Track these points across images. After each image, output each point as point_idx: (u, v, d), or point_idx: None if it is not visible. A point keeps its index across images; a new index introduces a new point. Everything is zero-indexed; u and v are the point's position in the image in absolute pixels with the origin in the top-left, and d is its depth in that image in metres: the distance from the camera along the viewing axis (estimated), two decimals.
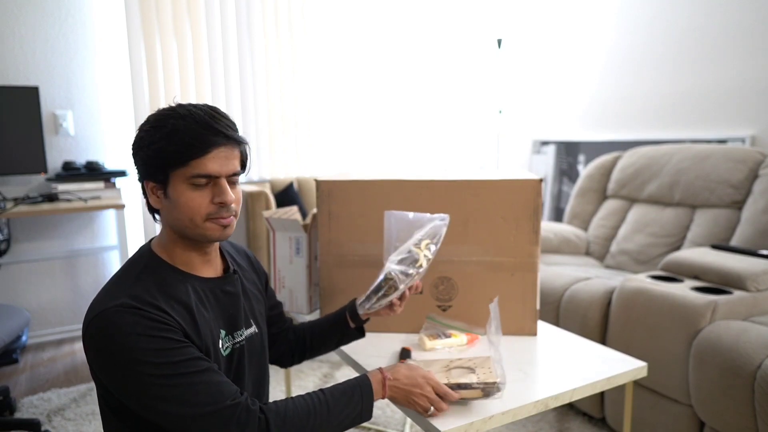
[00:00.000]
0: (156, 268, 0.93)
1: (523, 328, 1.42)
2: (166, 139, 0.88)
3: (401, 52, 3.71)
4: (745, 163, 2.23)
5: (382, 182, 1.40)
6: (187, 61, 3.08)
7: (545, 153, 3.69)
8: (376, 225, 1.39)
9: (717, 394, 1.52)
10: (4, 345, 1.77)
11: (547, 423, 2.02)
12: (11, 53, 2.76)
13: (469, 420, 1.02)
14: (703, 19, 2.72)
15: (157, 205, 0.94)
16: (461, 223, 1.38)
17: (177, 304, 0.89)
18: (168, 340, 0.83)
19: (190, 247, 0.96)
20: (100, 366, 0.85)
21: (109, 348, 0.82)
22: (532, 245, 1.37)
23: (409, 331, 1.45)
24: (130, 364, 0.81)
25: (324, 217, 1.43)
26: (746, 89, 2.56)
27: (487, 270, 1.40)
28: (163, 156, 0.89)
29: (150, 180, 0.92)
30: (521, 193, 1.35)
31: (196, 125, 0.89)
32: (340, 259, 1.44)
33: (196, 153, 0.88)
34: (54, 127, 2.89)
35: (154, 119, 0.91)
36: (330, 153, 3.56)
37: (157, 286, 0.89)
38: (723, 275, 1.73)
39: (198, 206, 0.91)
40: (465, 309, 1.42)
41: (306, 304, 1.66)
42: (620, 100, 3.19)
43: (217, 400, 0.84)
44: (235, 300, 1.02)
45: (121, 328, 0.82)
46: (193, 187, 0.90)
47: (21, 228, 2.88)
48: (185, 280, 0.94)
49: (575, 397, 1.16)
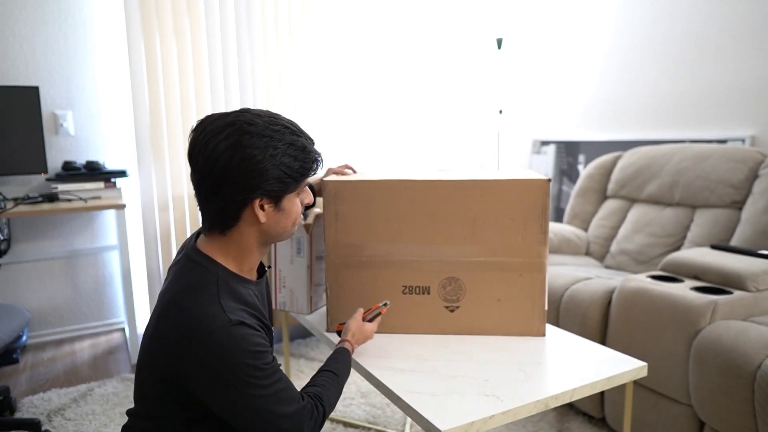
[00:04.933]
0: (226, 280, 0.95)
1: (531, 329, 1.41)
2: (303, 155, 0.95)
3: (401, 52, 3.71)
4: (745, 163, 2.23)
5: (389, 182, 1.39)
6: (187, 61, 3.08)
7: (545, 153, 3.69)
8: (383, 225, 1.40)
9: (717, 394, 1.52)
10: (4, 345, 1.77)
11: (547, 423, 2.02)
12: (11, 53, 2.76)
13: (469, 420, 1.02)
14: (703, 19, 2.72)
15: (262, 219, 0.94)
16: (469, 224, 1.38)
17: (253, 310, 0.95)
18: (265, 353, 0.90)
19: (262, 253, 1.02)
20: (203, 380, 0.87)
21: (219, 367, 0.85)
22: (540, 245, 1.37)
23: (418, 332, 1.44)
24: (240, 380, 0.86)
25: (330, 218, 1.41)
26: (746, 89, 2.56)
27: (494, 270, 1.39)
28: (301, 172, 0.95)
29: (267, 196, 0.93)
30: (529, 192, 1.35)
31: (309, 139, 0.99)
32: (347, 259, 1.43)
33: (318, 166, 1.00)
34: (54, 127, 2.89)
35: (269, 134, 0.91)
36: (330, 153, 3.56)
37: (234, 297, 0.93)
38: (723, 275, 1.73)
39: (299, 210, 1.02)
40: (473, 310, 1.42)
41: (306, 305, 1.67)
42: (620, 100, 3.19)
43: (294, 401, 0.94)
44: (268, 295, 1.12)
45: (236, 347, 0.86)
46: (298, 195, 1.00)
47: (21, 228, 2.88)
48: (246, 286, 0.98)
49: (575, 397, 1.16)
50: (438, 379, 1.20)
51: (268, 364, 0.90)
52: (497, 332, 1.42)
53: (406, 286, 1.42)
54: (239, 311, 0.91)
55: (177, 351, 0.87)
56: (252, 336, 0.88)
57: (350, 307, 1.42)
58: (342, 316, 1.45)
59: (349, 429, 2.02)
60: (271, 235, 0.99)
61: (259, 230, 0.96)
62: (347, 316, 1.41)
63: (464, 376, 1.22)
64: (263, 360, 0.89)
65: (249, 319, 0.91)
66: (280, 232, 1.00)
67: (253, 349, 0.87)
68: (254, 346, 0.87)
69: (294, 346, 2.80)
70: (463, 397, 1.12)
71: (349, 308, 1.42)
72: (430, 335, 1.43)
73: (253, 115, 0.92)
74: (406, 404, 1.11)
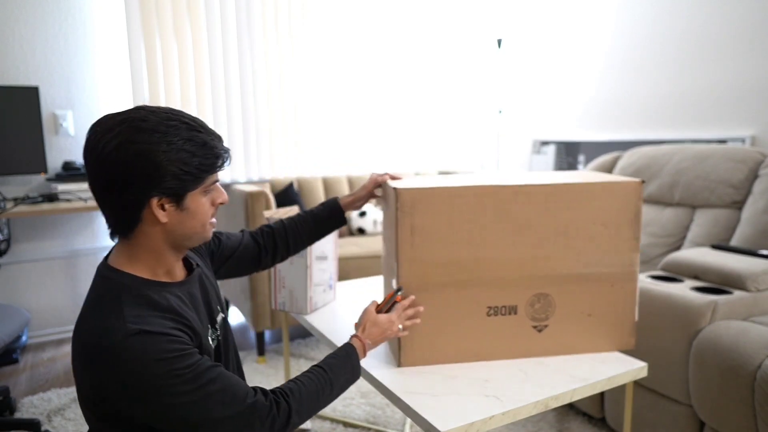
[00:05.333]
0: (135, 288, 0.88)
1: (620, 343, 1.34)
2: (203, 151, 0.89)
3: (401, 53, 3.71)
4: (745, 163, 2.23)
5: (474, 189, 1.23)
6: (187, 61, 3.08)
7: (545, 153, 3.69)
8: (467, 239, 1.24)
9: (717, 394, 1.52)
10: (4, 345, 1.77)
11: (547, 423, 2.02)
12: (11, 53, 2.76)
13: (469, 420, 1.02)
14: (703, 19, 2.72)
15: (164, 219, 0.88)
16: (561, 233, 1.26)
17: (170, 314, 0.88)
18: (181, 357, 0.83)
19: (177, 255, 0.95)
20: (118, 396, 0.82)
21: (127, 379, 0.80)
22: (633, 252, 1.29)
23: (501, 358, 1.31)
24: (153, 390, 0.81)
25: (405, 233, 1.23)
26: (746, 89, 2.56)
27: (586, 282, 1.29)
28: (201, 168, 0.89)
29: (165, 195, 0.87)
30: (621, 196, 1.26)
31: (213, 137, 0.92)
32: (425, 280, 1.25)
33: (224, 162, 0.93)
34: (54, 127, 2.89)
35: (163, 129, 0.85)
36: (330, 153, 3.56)
37: (145, 304, 0.87)
38: (723, 275, 1.73)
39: (208, 211, 0.94)
40: (562, 327, 1.31)
41: (306, 305, 1.66)
42: (620, 100, 3.19)
43: (237, 402, 0.87)
44: (206, 291, 1.03)
45: (137, 358, 0.80)
46: (205, 194, 0.93)
47: (21, 228, 2.88)
48: (164, 289, 0.91)
49: (575, 397, 1.17)
50: (438, 380, 1.20)
51: (188, 368, 0.83)
52: (587, 350, 1.33)
53: (491, 306, 1.27)
54: (150, 318, 0.85)
55: (88, 372, 0.83)
56: (158, 343, 0.82)
57: (428, 336, 1.27)
58: (418, 349, 1.27)
59: (349, 429, 2.02)
60: (178, 235, 0.92)
61: (163, 231, 0.90)
62: (424, 349, 1.27)
63: (464, 376, 1.22)
64: (178, 365, 0.82)
65: (159, 326, 0.84)
66: (188, 234, 0.92)
67: (159, 356, 0.81)
68: (162, 353, 0.81)
69: (294, 346, 2.80)
70: (463, 398, 1.12)
71: (427, 338, 1.27)
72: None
73: (148, 112, 0.87)
74: (405, 405, 1.11)
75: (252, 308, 2.59)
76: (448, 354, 1.28)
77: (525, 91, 3.85)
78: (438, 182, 1.29)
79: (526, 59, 3.81)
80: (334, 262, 1.79)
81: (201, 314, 0.98)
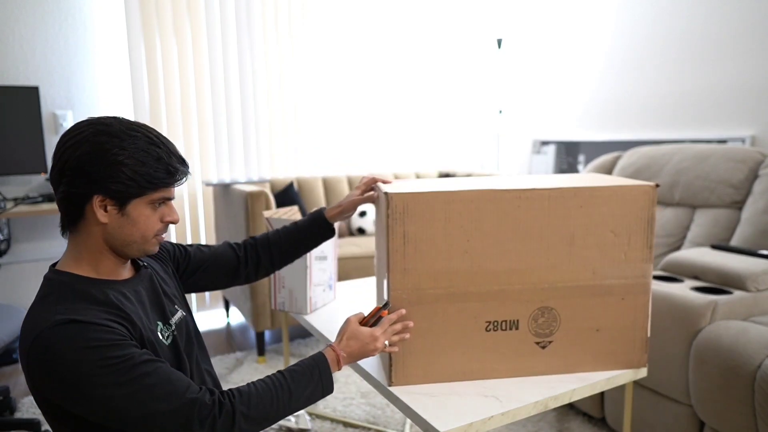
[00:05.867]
0: (73, 284, 0.91)
1: (631, 361, 1.24)
2: (155, 164, 0.92)
3: (401, 53, 3.71)
4: (745, 163, 2.23)
5: (472, 193, 1.13)
6: (187, 61, 3.08)
7: (545, 153, 3.69)
8: (464, 248, 1.14)
9: (717, 394, 1.52)
10: (4, 345, 1.77)
11: (547, 423, 2.02)
12: (11, 53, 2.76)
13: (469, 420, 1.02)
14: (703, 20, 2.72)
15: (103, 219, 0.91)
16: (567, 241, 1.17)
17: (106, 307, 0.90)
18: (114, 346, 0.83)
19: (119, 259, 0.97)
20: (53, 389, 0.83)
21: (57, 369, 0.81)
22: (646, 262, 1.20)
23: (502, 376, 1.22)
24: (83, 380, 0.81)
25: (397, 242, 1.12)
26: (746, 89, 2.56)
27: (593, 296, 1.20)
28: (147, 178, 0.91)
29: (108, 195, 0.90)
30: (634, 201, 1.17)
31: (172, 155, 0.95)
32: (419, 293, 1.15)
33: (175, 181, 0.96)
34: (54, 127, 2.89)
35: (122, 136, 0.90)
36: (330, 153, 3.57)
37: (81, 299, 0.89)
38: (723, 275, 1.73)
39: (153, 225, 0.96)
40: (567, 344, 1.22)
41: (306, 305, 1.66)
42: (620, 100, 3.19)
43: (175, 397, 0.86)
44: (155, 290, 1.04)
45: (65, 345, 0.81)
46: (152, 208, 0.95)
47: (21, 228, 2.88)
48: (106, 286, 0.93)
49: (575, 397, 1.16)
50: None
51: (120, 358, 0.82)
52: (595, 368, 1.24)
53: (490, 321, 1.18)
54: (83, 309, 0.86)
55: (28, 372, 0.84)
56: (88, 331, 0.82)
57: (421, 353, 1.17)
58: (411, 366, 1.19)
59: (349, 429, 2.02)
60: (117, 240, 0.93)
61: (103, 231, 0.92)
62: (418, 366, 1.19)
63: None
64: (109, 354, 0.82)
65: (91, 316, 0.85)
66: (127, 240, 0.94)
67: (89, 344, 0.81)
68: (92, 341, 0.81)
69: (294, 346, 2.80)
70: (462, 398, 1.11)
71: (420, 355, 1.18)
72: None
73: (117, 121, 0.93)
74: (405, 405, 1.11)
75: (252, 308, 2.59)
76: (444, 373, 1.19)
77: (525, 91, 3.85)
78: (433, 186, 1.19)
79: (526, 59, 3.81)
80: (334, 262, 1.79)
81: (147, 310, 0.98)
